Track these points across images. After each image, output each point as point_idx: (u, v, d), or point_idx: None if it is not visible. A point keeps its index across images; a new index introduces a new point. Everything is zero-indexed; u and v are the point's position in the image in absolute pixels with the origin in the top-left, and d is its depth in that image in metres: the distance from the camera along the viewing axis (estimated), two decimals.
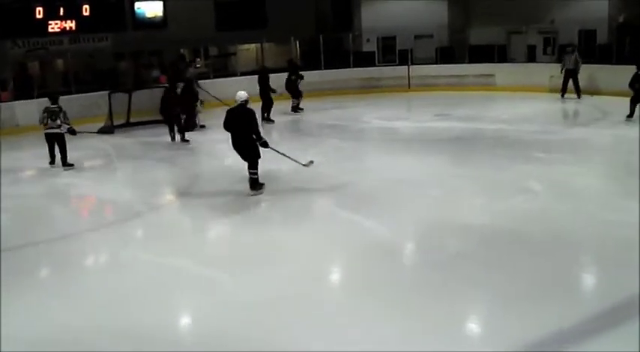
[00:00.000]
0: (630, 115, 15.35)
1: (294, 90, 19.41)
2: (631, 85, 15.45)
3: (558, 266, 7.38)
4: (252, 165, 10.77)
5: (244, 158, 10.80)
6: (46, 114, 13.56)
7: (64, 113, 13.63)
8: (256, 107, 13.62)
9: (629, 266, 7.15)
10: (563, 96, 19.33)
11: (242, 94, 10.75)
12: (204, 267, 7.81)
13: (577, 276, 7.32)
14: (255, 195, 10.75)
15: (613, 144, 13.69)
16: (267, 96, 17.79)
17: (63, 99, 18.44)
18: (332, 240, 8.62)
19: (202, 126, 17.14)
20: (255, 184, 10.84)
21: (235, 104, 10.77)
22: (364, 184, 11.25)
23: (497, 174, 11.41)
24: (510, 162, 12.21)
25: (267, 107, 17.76)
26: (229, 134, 10.75)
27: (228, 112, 10.87)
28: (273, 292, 6.97)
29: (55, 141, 13.50)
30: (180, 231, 9.40)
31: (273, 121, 17.53)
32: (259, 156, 10.78)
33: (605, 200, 9.74)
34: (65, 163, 13.46)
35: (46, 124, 13.52)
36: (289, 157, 11.54)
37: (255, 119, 10.80)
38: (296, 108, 19.48)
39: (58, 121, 13.46)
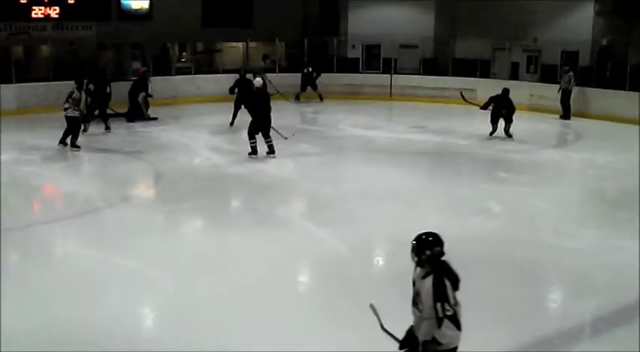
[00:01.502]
0: None
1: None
2: None
3: (504, 290, 7.42)
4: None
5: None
6: (69, 99, 14.08)
7: (73, 99, 14.03)
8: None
9: (577, 296, 7.23)
10: (562, 117, 19.13)
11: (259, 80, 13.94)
12: (147, 267, 7.83)
13: (524, 301, 7.24)
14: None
15: (580, 169, 13.73)
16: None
17: (40, 86, 18.71)
18: (283, 248, 8.65)
19: (153, 119, 17.62)
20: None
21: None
22: (327, 193, 11.28)
23: (459, 192, 11.44)
24: (474, 181, 12.27)
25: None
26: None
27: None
28: (212, 297, 6.99)
29: (71, 124, 13.98)
30: (132, 230, 9.36)
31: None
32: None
33: (561, 226, 9.77)
34: (73, 144, 13.94)
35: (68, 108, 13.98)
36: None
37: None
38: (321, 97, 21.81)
39: (67, 104, 13.92)
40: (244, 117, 16.19)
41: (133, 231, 9.30)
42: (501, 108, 15.93)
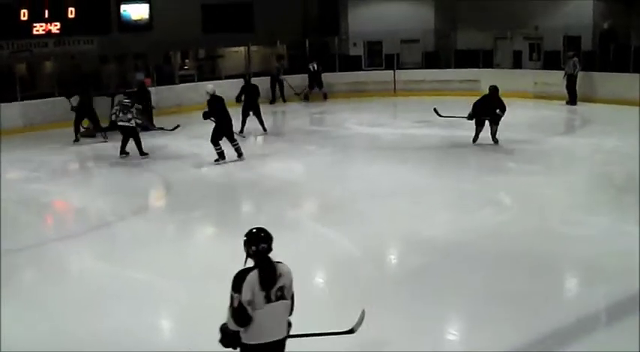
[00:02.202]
0: None
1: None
2: None
3: (516, 282, 7.45)
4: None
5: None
6: (118, 107, 14.49)
7: (136, 109, 14.48)
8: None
9: (588, 285, 7.23)
10: (568, 102, 19.14)
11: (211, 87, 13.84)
12: (159, 278, 7.88)
13: (535, 294, 7.25)
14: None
15: (587, 155, 13.70)
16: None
17: (46, 102, 18.81)
18: (295, 250, 8.52)
19: (159, 128, 17.18)
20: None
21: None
22: (335, 194, 11.32)
23: (467, 186, 11.47)
24: (482, 173, 12.30)
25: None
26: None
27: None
28: (224, 305, 6.99)
29: (128, 134, 14.29)
30: (143, 242, 9.42)
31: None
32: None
33: (570, 214, 9.77)
34: (141, 153, 14.40)
35: (117, 117, 14.37)
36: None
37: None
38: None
39: (129, 115, 14.23)
40: (253, 125, 16.38)
41: (144, 243, 9.36)
42: (490, 109, 14.06)
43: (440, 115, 15.32)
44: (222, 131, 13.42)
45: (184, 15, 22.63)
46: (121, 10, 21.95)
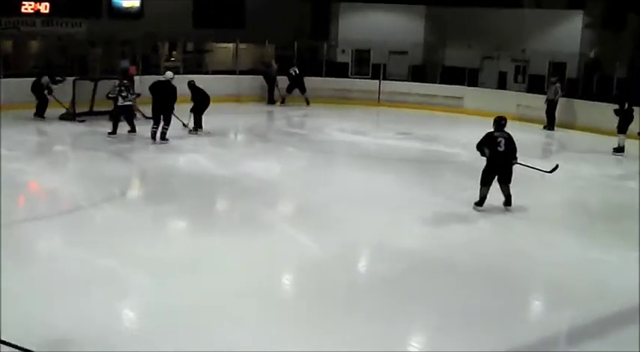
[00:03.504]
0: None
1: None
2: None
3: (483, 298, 7.51)
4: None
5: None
6: (119, 88, 14.98)
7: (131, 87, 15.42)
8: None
9: (556, 307, 7.31)
10: (545, 127, 19.24)
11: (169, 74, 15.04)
12: (127, 268, 7.84)
13: (500, 310, 7.27)
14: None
15: (562, 180, 13.78)
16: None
17: (29, 81, 18.64)
18: (266, 252, 8.67)
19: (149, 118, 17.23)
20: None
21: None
22: (311, 198, 11.34)
23: (442, 201, 11.52)
24: (457, 189, 12.32)
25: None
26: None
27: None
28: (190, 299, 7.02)
29: (127, 113, 15.01)
30: (114, 230, 9.35)
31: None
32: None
33: (542, 236, 9.85)
34: (133, 129, 15.37)
35: (120, 97, 14.92)
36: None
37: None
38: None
39: (130, 95, 15.03)
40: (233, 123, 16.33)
41: (115, 231, 9.29)
42: (501, 160, 10.51)
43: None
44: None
45: (175, 7, 22.61)
46: None
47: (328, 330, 6.51)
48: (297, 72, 22.16)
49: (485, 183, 10.64)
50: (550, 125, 19.18)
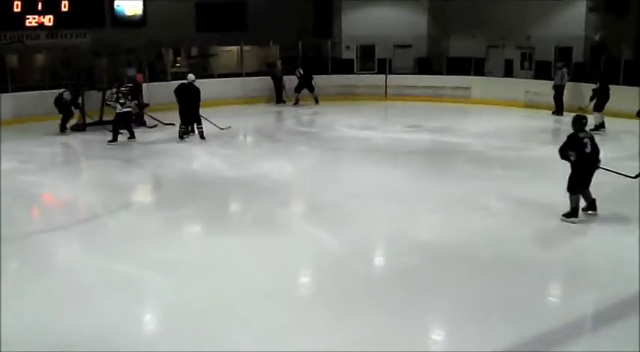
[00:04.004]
0: None
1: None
2: None
3: (506, 286, 7.51)
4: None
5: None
6: (116, 95, 15.34)
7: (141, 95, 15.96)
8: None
9: (574, 293, 7.29)
10: (554, 113, 19.19)
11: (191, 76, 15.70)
12: (148, 273, 7.86)
13: (522, 299, 7.29)
14: None
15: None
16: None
17: (37, 94, 18.76)
18: (284, 250, 8.70)
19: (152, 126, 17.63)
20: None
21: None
22: (324, 195, 11.33)
23: (456, 190, 11.49)
24: (470, 178, 12.31)
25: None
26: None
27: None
28: (213, 300, 7.04)
29: (126, 120, 15.24)
30: (133, 236, 9.38)
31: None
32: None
33: (557, 222, 9.83)
34: (132, 136, 15.52)
35: (119, 105, 15.17)
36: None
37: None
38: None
39: (128, 102, 15.30)
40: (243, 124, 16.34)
41: (133, 237, 9.32)
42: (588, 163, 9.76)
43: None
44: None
45: (178, 12, 22.66)
46: (115, 5, 21.97)
47: (354, 325, 6.52)
48: (302, 72, 22.15)
49: (576, 190, 9.64)
50: (559, 110, 19.12)
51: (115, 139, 15.08)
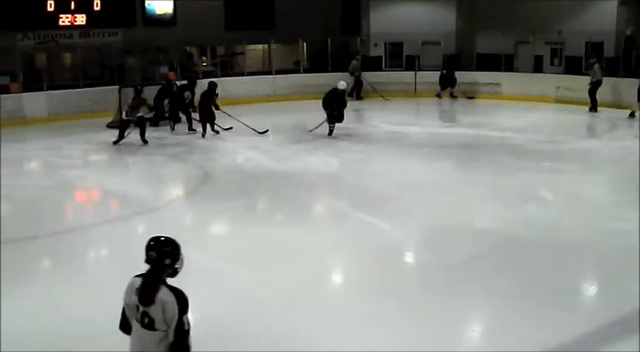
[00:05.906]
0: None
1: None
2: None
3: (568, 273, 7.51)
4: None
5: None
6: (134, 106, 14.90)
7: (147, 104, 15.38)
8: None
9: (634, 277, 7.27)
10: (590, 109, 18.97)
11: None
12: (217, 261, 7.87)
13: (584, 284, 7.46)
14: None
15: (621, 157, 13.71)
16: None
17: (71, 93, 18.88)
18: (347, 239, 8.77)
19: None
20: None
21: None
22: (376, 187, 11.36)
23: (505, 182, 11.51)
24: (518, 170, 12.31)
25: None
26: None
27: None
28: (285, 289, 7.06)
29: (142, 125, 14.96)
30: (191, 226, 9.46)
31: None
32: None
33: (612, 210, 9.82)
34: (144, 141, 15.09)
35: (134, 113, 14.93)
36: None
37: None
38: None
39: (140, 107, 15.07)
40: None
41: (193, 227, 9.42)
42: None
43: None
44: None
45: (207, 11, 22.70)
46: (146, 4, 22.06)
47: (423, 311, 6.52)
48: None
49: None
50: (594, 106, 18.98)
51: (119, 140, 14.90)
